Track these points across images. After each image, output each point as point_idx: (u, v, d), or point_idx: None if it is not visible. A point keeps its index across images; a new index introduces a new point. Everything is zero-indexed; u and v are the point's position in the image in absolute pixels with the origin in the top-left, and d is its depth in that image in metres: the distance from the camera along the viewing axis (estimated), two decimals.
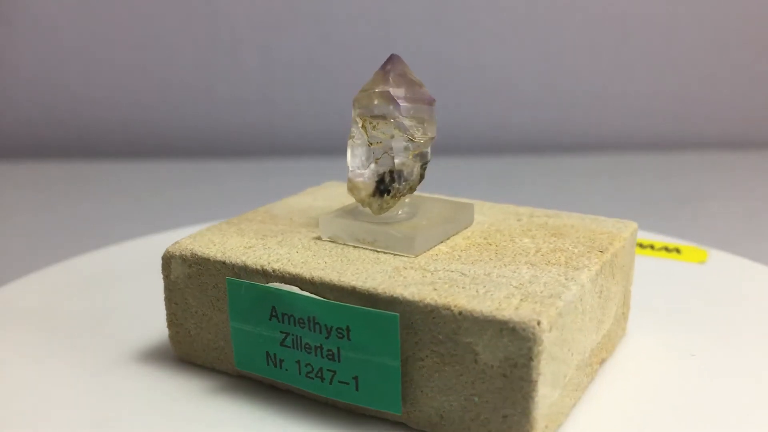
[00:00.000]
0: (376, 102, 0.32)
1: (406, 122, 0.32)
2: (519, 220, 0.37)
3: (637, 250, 0.48)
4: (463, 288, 0.28)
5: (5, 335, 0.38)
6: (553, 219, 0.37)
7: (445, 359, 0.28)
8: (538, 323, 0.26)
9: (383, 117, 0.32)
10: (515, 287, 0.28)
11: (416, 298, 0.28)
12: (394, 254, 0.32)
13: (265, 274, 0.31)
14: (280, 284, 0.30)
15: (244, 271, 0.32)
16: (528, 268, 0.30)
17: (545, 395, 0.27)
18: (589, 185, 0.86)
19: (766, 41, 1.01)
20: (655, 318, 0.40)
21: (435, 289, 0.28)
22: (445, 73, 0.98)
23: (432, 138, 0.33)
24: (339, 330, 0.29)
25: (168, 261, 0.34)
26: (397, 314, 0.28)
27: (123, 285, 0.45)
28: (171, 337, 0.35)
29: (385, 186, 0.32)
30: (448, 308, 0.27)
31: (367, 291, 0.29)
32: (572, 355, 0.29)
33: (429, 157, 0.33)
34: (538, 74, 1.01)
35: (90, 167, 0.94)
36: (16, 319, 0.40)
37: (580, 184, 0.86)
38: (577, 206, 0.78)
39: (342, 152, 1.08)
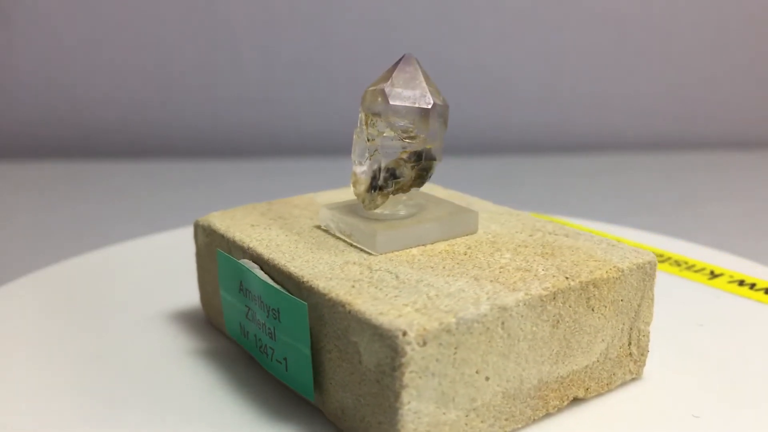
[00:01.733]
0: (375, 99, 0.32)
1: (399, 121, 0.32)
2: (531, 235, 0.34)
3: (733, 288, 0.43)
4: (378, 289, 0.29)
5: (8, 332, 0.38)
6: (566, 239, 0.34)
7: (342, 355, 0.28)
8: (404, 334, 0.25)
9: (379, 114, 0.32)
10: (428, 297, 0.28)
11: (325, 291, 0.29)
12: (362, 249, 0.33)
13: (243, 251, 0.34)
14: (247, 261, 0.33)
15: (233, 246, 0.35)
16: (467, 281, 0.29)
17: (419, 411, 0.26)
18: (589, 185, 0.86)
19: (766, 41, 1.01)
20: (697, 367, 0.35)
21: (352, 287, 0.29)
22: (445, 73, 0.98)
23: (425, 139, 0.33)
24: (274, 311, 0.31)
25: (196, 229, 0.39)
26: (305, 303, 0.29)
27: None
28: (201, 298, 0.40)
29: (376, 183, 0.33)
30: (343, 305, 0.28)
31: (297, 278, 0.30)
32: (487, 379, 0.28)
33: (430, 157, 0.33)
34: (538, 74, 1.01)
35: (90, 167, 0.94)
36: (17, 318, 0.40)
37: (580, 184, 0.86)
38: (577, 206, 0.78)
39: (342, 152, 1.09)
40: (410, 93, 0.32)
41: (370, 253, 0.32)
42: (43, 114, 0.98)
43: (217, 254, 0.35)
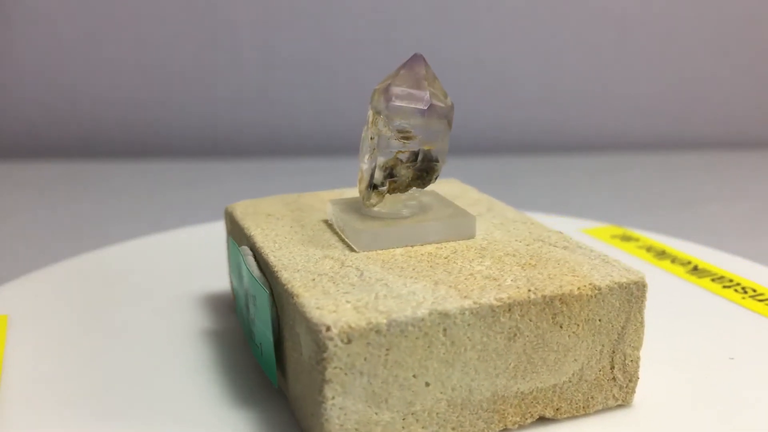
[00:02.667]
0: (379, 97, 0.33)
1: (397, 121, 0.32)
2: (528, 245, 0.33)
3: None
4: (334, 285, 0.29)
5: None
6: (562, 252, 0.33)
7: (293, 345, 0.29)
8: (327, 329, 0.26)
9: (380, 113, 0.32)
10: (375, 297, 0.28)
11: (285, 281, 0.30)
12: (348, 245, 0.33)
13: (246, 239, 0.36)
14: (244, 248, 0.34)
15: (241, 233, 0.36)
16: (425, 285, 0.29)
17: (345, 407, 0.27)
18: (589, 185, 0.86)
19: (766, 41, 1.01)
20: (703, 400, 0.32)
21: (313, 280, 0.30)
22: (445, 72, 0.98)
23: (422, 140, 0.32)
24: (252, 297, 0.32)
25: (225, 216, 0.41)
26: (267, 292, 0.30)
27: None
28: (230, 283, 0.41)
29: (372, 181, 0.33)
30: (293, 297, 0.28)
31: (272, 267, 0.31)
32: (427, 385, 0.28)
33: (430, 158, 0.33)
34: (538, 74, 1.01)
35: (90, 167, 0.94)
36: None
37: (580, 184, 0.86)
38: (577, 206, 0.78)
39: (342, 152, 1.08)
40: (410, 93, 0.32)
41: (353, 250, 0.33)
42: (43, 114, 0.98)
43: (227, 240, 0.38)
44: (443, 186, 0.43)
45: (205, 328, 0.40)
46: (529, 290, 0.29)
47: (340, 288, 0.29)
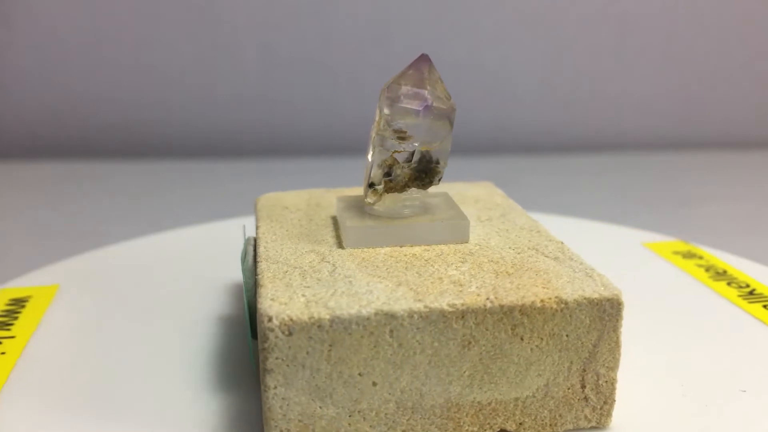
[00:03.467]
0: (382, 96, 0.33)
1: (394, 120, 0.32)
2: (519, 253, 0.32)
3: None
4: (301, 278, 0.30)
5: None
6: (550, 262, 0.31)
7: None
8: (269, 320, 0.27)
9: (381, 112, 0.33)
10: (332, 293, 0.28)
11: (260, 272, 0.31)
12: (339, 242, 0.34)
13: (256, 229, 0.37)
14: (250, 238, 0.36)
15: (258, 224, 0.37)
16: (387, 285, 0.29)
17: (288, 398, 0.27)
18: (589, 185, 0.86)
19: (766, 41, 1.01)
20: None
21: (285, 272, 0.30)
22: (445, 72, 0.98)
23: (418, 140, 0.33)
24: (245, 284, 0.34)
25: (255, 207, 0.41)
26: (253, 281, 0.31)
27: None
28: None
29: (370, 179, 0.33)
30: (260, 287, 0.29)
31: (258, 257, 0.32)
32: (374, 384, 0.28)
33: (428, 159, 0.33)
34: (538, 74, 1.01)
35: (90, 167, 0.94)
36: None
37: (580, 184, 0.86)
38: (577, 206, 0.78)
39: (342, 152, 1.08)
40: (409, 93, 0.32)
41: (340, 247, 0.33)
42: (43, 114, 0.98)
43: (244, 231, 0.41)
44: (473, 188, 0.43)
45: (219, 314, 0.41)
46: (487, 299, 0.28)
47: (305, 282, 0.29)
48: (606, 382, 0.30)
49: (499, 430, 0.29)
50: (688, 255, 0.50)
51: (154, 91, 0.99)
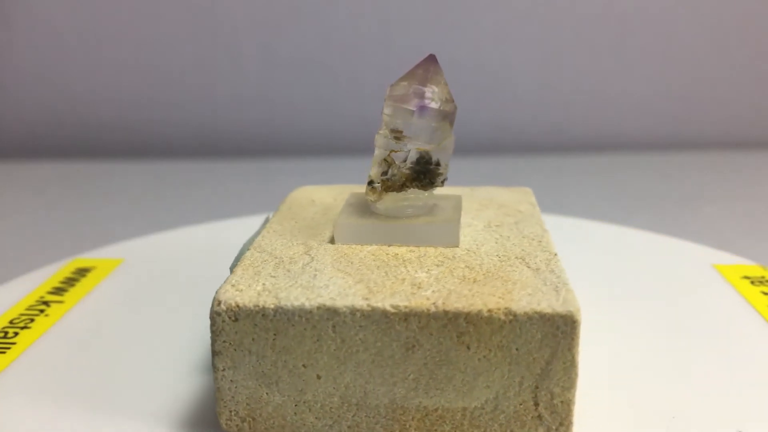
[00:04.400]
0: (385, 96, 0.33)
1: (391, 120, 0.32)
2: (503, 260, 0.31)
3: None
4: (273, 268, 0.31)
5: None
6: (526, 270, 0.30)
7: None
8: (218, 304, 0.28)
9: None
10: (292, 285, 0.29)
11: (241, 260, 0.32)
12: (330, 236, 0.34)
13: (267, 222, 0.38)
14: (261, 225, 0.37)
15: (274, 215, 0.38)
16: (347, 281, 0.29)
17: (236, 381, 0.29)
18: (589, 185, 0.86)
19: (766, 41, 1.01)
20: None
21: (263, 261, 0.31)
22: (445, 72, 0.98)
23: (411, 140, 0.32)
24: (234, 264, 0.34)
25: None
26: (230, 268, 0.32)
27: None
28: None
29: (369, 177, 0.33)
30: (232, 273, 0.30)
31: (252, 246, 0.33)
32: (318, 377, 0.28)
33: (426, 160, 0.33)
34: (538, 74, 1.01)
35: (90, 167, 0.94)
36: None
37: (580, 184, 0.86)
38: (577, 206, 0.78)
39: (342, 152, 1.08)
40: (406, 93, 0.32)
41: (327, 241, 0.34)
42: (43, 114, 0.98)
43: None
44: (505, 194, 0.41)
45: None
46: (434, 303, 0.27)
47: (274, 272, 0.30)
48: (561, 402, 0.28)
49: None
50: (760, 281, 0.45)
51: (154, 91, 0.99)
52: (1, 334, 0.38)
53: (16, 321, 0.40)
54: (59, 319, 0.40)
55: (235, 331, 0.28)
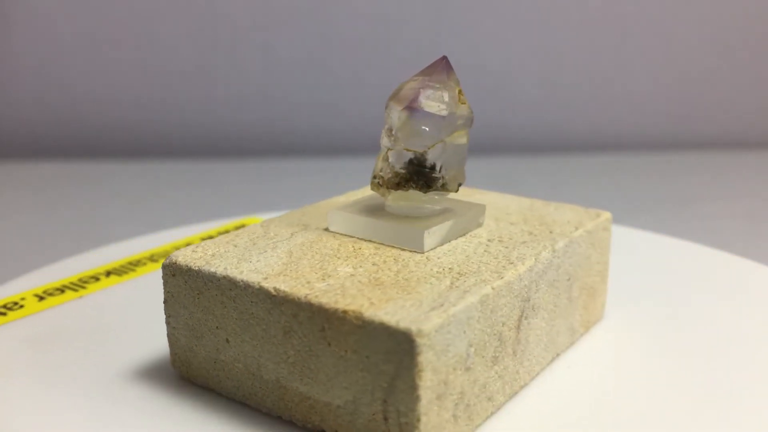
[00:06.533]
0: None
1: (390, 120, 0.33)
2: (437, 273, 0.30)
3: None
4: (251, 242, 0.33)
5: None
6: (443, 284, 0.29)
7: None
8: (167, 259, 0.32)
9: None
10: (234, 256, 0.32)
11: (227, 235, 0.35)
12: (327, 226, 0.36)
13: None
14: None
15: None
16: (274, 263, 0.31)
17: (177, 329, 0.32)
18: (589, 185, 0.86)
19: (766, 41, 1.01)
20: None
21: (247, 237, 0.34)
22: None
23: (400, 140, 0.32)
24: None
25: None
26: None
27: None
28: None
29: (374, 173, 0.34)
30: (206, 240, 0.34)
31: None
32: (227, 341, 0.31)
33: (420, 162, 0.33)
34: (538, 74, 1.01)
35: (90, 167, 0.94)
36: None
37: (580, 184, 0.86)
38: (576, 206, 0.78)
39: (342, 152, 1.08)
40: (406, 92, 0.32)
41: (325, 229, 0.35)
42: (43, 114, 0.98)
43: None
44: (565, 214, 0.38)
45: None
46: (307, 293, 0.28)
47: (248, 246, 0.33)
48: (406, 423, 0.26)
49: (320, 430, 0.29)
50: None
51: (154, 91, 0.99)
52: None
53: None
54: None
55: (174, 285, 0.32)
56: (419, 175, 0.33)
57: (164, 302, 0.32)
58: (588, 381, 0.34)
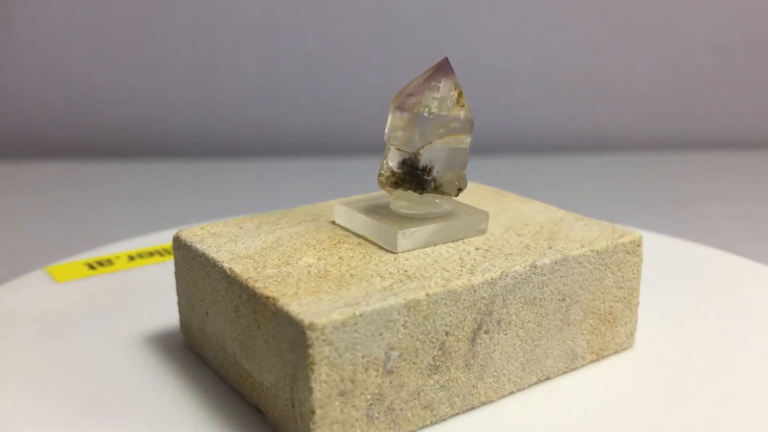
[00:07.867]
0: None
1: (393, 122, 0.33)
2: (403, 274, 0.30)
3: None
4: (253, 226, 0.36)
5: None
6: (368, 281, 0.29)
7: None
8: (175, 234, 0.35)
9: None
10: (231, 237, 0.34)
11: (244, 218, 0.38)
12: (328, 217, 0.38)
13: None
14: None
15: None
16: (255, 247, 0.33)
17: (182, 294, 0.36)
18: (589, 185, 0.86)
19: (766, 41, 1.01)
20: None
21: (252, 222, 0.36)
22: None
23: (393, 140, 0.33)
24: None
25: None
26: None
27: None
28: None
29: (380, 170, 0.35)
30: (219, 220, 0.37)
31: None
32: (207, 314, 0.33)
33: (412, 163, 0.33)
34: (538, 74, 1.01)
35: (90, 167, 0.94)
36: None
37: (580, 184, 0.86)
38: (577, 206, 0.78)
39: (342, 152, 1.08)
40: (402, 94, 0.33)
41: (326, 219, 0.37)
42: (43, 114, 0.98)
43: None
44: (585, 228, 0.36)
45: None
46: (250, 277, 0.30)
47: (251, 229, 0.35)
48: (303, 412, 0.27)
49: (257, 406, 0.31)
50: None
51: (154, 91, 0.99)
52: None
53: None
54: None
55: (179, 256, 0.35)
56: (412, 176, 0.33)
57: (174, 273, 0.36)
58: (561, 410, 0.31)
